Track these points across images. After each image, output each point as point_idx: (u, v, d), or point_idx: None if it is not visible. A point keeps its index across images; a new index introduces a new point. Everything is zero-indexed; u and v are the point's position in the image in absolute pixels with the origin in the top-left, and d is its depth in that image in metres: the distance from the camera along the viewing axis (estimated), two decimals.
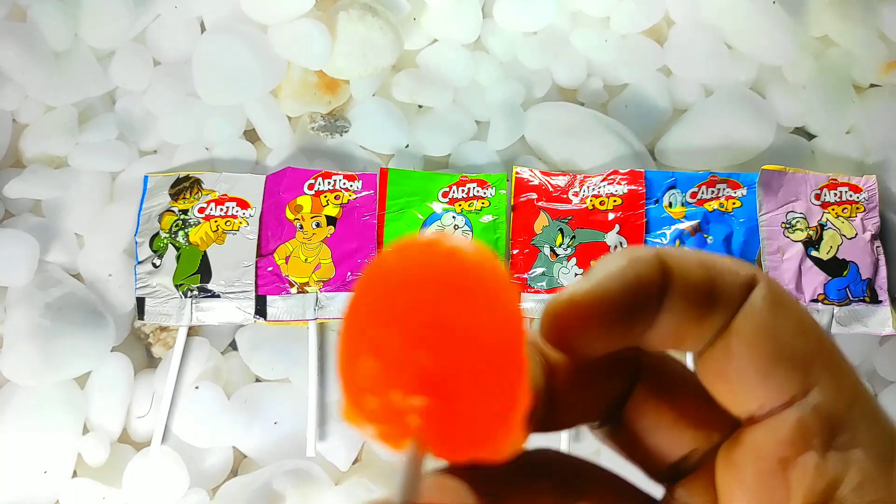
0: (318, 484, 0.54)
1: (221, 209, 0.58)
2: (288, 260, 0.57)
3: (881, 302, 0.55)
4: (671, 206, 0.58)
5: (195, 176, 0.60)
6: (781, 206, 0.57)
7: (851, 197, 0.57)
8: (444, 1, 0.63)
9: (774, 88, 0.62)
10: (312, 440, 0.54)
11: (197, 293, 0.57)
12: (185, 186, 0.59)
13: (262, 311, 0.57)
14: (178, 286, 0.57)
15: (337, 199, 0.58)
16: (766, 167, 0.57)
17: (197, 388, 0.56)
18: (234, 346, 0.58)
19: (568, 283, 0.56)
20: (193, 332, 0.58)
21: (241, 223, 0.58)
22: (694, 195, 0.58)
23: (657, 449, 0.19)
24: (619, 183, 0.58)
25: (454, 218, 0.58)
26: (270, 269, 0.57)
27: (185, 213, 0.58)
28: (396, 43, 0.62)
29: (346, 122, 0.62)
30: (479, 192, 0.58)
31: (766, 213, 0.57)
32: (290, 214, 0.58)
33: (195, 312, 0.57)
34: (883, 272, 0.56)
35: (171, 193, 0.59)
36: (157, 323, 0.57)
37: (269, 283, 0.57)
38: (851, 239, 0.56)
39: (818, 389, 0.16)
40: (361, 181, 0.59)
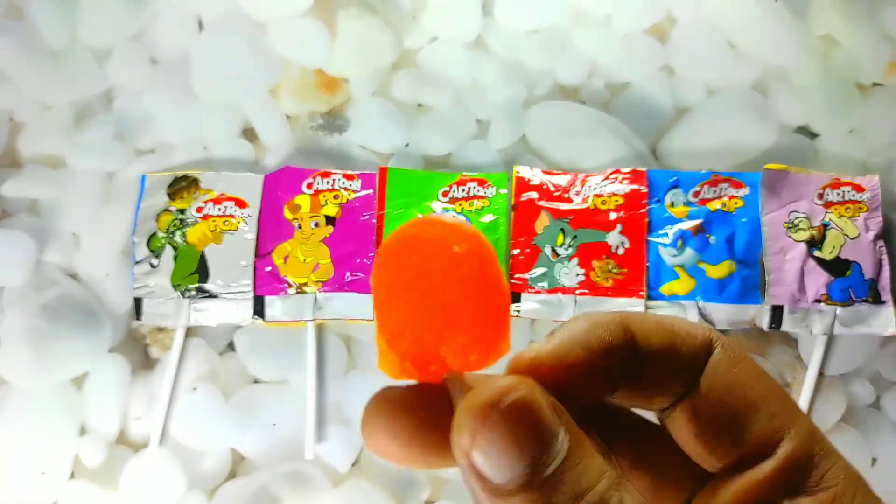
0: (316, 486, 0.54)
1: (219, 209, 0.58)
2: (286, 260, 0.57)
3: (884, 302, 0.55)
4: (673, 205, 0.57)
5: (193, 175, 0.59)
6: (784, 205, 0.57)
7: (854, 197, 0.57)
8: None
9: (777, 88, 0.62)
10: (311, 442, 0.54)
11: (195, 293, 0.56)
12: (182, 186, 0.59)
13: (260, 311, 0.56)
14: (175, 286, 0.56)
15: (336, 198, 0.58)
16: (769, 167, 0.57)
17: (195, 389, 0.56)
18: (232, 347, 0.58)
19: (569, 283, 0.56)
20: (191, 332, 0.57)
21: (238, 223, 0.58)
22: (696, 195, 0.57)
23: None
24: (620, 182, 0.58)
25: (454, 218, 0.57)
26: (269, 269, 0.57)
27: (182, 212, 0.58)
28: (396, 41, 0.62)
29: (345, 121, 0.62)
30: (479, 191, 0.58)
31: (768, 212, 0.57)
32: (288, 214, 0.58)
33: (193, 313, 0.56)
34: (886, 272, 0.55)
35: (168, 193, 0.59)
36: (154, 324, 0.57)
37: (267, 283, 0.57)
38: (854, 239, 0.56)
39: (787, 439, 0.18)
40: (361, 180, 0.59)
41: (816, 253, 0.56)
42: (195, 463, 0.55)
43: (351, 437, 0.55)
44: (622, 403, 0.19)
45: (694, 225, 0.56)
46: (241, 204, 0.58)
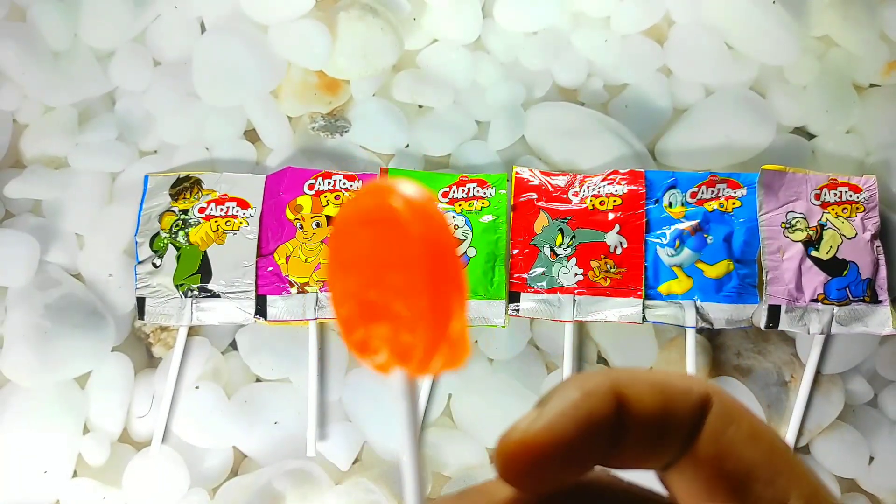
0: (318, 484, 0.54)
1: (222, 209, 0.58)
2: (288, 260, 0.57)
3: (881, 302, 0.55)
4: (671, 205, 0.57)
5: (195, 176, 0.59)
6: (781, 205, 0.57)
7: (851, 197, 0.57)
8: (444, 1, 0.63)
9: (775, 88, 0.62)
10: (312, 440, 0.54)
11: (197, 293, 0.57)
12: (185, 186, 0.59)
13: (262, 311, 0.57)
14: (178, 286, 0.57)
15: (337, 199, 0.58)
16: (766, 167, 0.57)
17: (197, 388, 0.56)
18: (234, 346, 0.58)
19: (568, 283, 0.56)
20: (194, 332, 0.58)
21: (241, 223, 0.58)
22: (694, 195, 0.57)
23: None
24: (619, 183, 0.58)
25: (454, 218, 0.58)
26: (271, 269, 0.57)
27: (185, 213, 0.58)
28: (397, 43, 0.62)
29: (346, 122, 0.62)
30: (479, 192, 0.58)
31: (766, 212, 0.57)
32: (290, 214, 0.58)
33: (195, 312, 0.57)
34: (883, 272, 0.55)
35: (171, 193, 0.59)
36: (157, 323, 0.57)
37: (269, 283, 0.57)
38: (851, 239, 0.56)
39: (792, 501, 0.17)
40: (362, 181, 0.59)
41: (814, 253, 0.56)
42: (198, 461, 0.55)
43: (352, 435, 0.55)
44: (613, 467, 0.18)
45: (691, 225, 0.57)
46: (243, 204, 0.59)
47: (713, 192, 0.57)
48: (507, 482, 0.17)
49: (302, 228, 0.58)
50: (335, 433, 0.55)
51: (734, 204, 0.57)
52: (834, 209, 0.57)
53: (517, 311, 0.56)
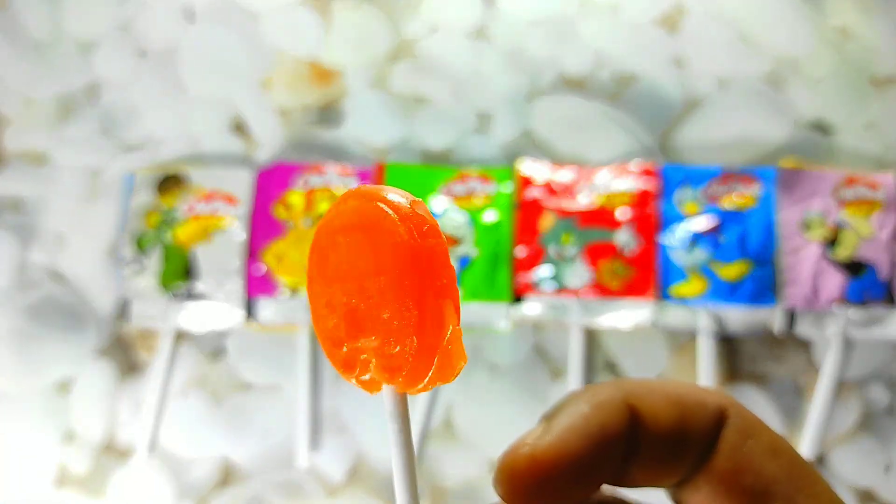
0: (310, 496, 0.54)
1: (209, 206, 0.57)
2: (279, 260, 0.56)
3: None
4: (684, 203, 0.56)
5: (182, 171, 0.59)
6: (798, 203, 0.56)
7: (869, 194, 0.56)
8: None
9: (792, 81, 0.61)
10: (304, 450, 0.53)
11: (184, 295, 0.56)
12: (171, 183, 0.58)
13: (251, 314, 0.56)
14: (163, 287, 0.56)
15: (331, 196, 0.57)
16: (783, 164, 0.56)
17: (184, 395, 0.55)
18: (222, 350, 0.57)
19: (576, 284, 0.55)
20: (180, 335, 0.57)
21: (229, 221, 0.57)
22: (707, 192, 0.56)
23: None
24: (629, 179, 0.57)
25: (455, 215, 0.56)
26: (261, 270, 0.56)
27: (171, 210, 0.57)
28: (394, 31, 0.62)
29: (340, 114, 0.61)
30: (481, 188, 0.57)
31: (782, 211, 0.56)
32: (281, 212, 0.57)
33: (182, 315, 0.56)
34: None
35: (156, 190, 0.58)
36: (142, 326, 0.57)
37: (259, 284, 0.56)
38: (869, 239, 0.55)
39: None
40: (357, 177, 0.58)
41: (830, 254, 0.55)
42: (184, 471, 0.55)
43: (346, 444, 0.55)
44: (624, 485, 0.18)
45: (705, 224, 0.55)
46: (231, 201, 0.58)
47: (727, 188, 0.57)
48: (509, 503, 0.17)
49: (293, 227, 0.57)
50: (328, 443, 0.55)
51: (749, 202, 0.56)
52: (851, 207, 0.56)
53: (523, 313, 0.55)
